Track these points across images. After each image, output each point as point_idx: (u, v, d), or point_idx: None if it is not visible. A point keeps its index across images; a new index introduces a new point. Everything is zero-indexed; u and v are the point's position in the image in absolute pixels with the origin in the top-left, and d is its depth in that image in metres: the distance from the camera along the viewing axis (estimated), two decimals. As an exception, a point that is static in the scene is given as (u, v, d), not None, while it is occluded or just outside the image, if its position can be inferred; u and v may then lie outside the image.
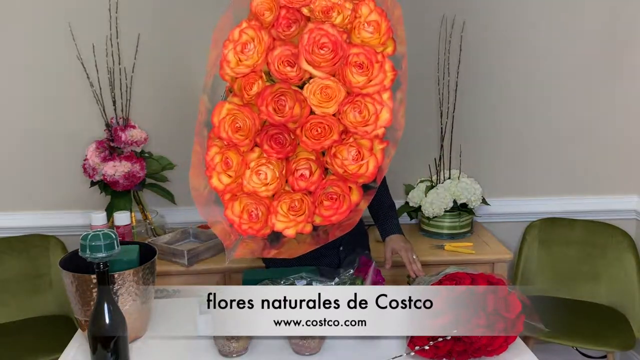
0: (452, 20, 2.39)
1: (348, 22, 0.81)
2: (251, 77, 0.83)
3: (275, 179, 0.82)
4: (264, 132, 0.82)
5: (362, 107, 0.80)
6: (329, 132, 0.79)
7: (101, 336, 1.24)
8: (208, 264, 2.16)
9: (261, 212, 0.85)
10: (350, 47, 0.79)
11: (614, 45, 2.48)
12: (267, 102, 0.79)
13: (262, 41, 0.80)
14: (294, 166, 0.83)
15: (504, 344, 1.36)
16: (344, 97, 0.80)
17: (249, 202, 0.84)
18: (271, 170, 0.82)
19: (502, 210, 2.57)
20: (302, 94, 0.80)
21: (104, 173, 2.22)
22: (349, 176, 0.80)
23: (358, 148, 0.80)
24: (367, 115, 0.79)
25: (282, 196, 0.84)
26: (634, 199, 2.63)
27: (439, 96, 2.45)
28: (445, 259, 2.21)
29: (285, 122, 0.80)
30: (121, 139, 2.26)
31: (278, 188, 0.83)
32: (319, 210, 0.84)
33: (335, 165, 0.80)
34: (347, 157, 0.80)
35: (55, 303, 2.36)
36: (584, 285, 2.49)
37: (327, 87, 0.78)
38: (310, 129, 0.80)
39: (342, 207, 0.84)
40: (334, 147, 0.80)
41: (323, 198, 0.84)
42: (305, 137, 0.80)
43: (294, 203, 0.83)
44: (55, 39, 2.30)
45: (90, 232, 1.31)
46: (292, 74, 0.78)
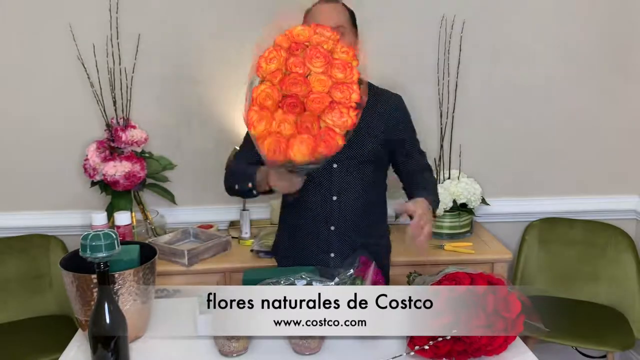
0: (452, 20, 2.39)
1: (332, 49, 1.44)
2: (276, 73, 1.43)
3: (291, 128, 1.39)
4: (284, 101, 1.41)
5: (342, 90, 1.40)
6: (323, 102, 1.39)
7: (101, 336, 1.24)
8: (208, 264, 2.17)
9: (282, 145, 1.39)
10: (333, 59, 1.43)
11: (614, 46, 2.48)
12: (286, 86, 1.40)
13: (281, 57, 1.44)
14: (302, 121, 1.39)
15: (503, 344, 1.36)
16: (331, 84, 1.41)
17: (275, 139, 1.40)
18: (288, 122, 1.39)
19: (501, 210, 2.58)
20: (307, 80, 1.41)
21: (105, 173, 2.23)
22: (335, 127, 1.40)
23: (340, 112, 1.39)
24: (345, 95, 1.40)
25: (295, 137, 1.40)
26: (634, 199, 2.64)
27: (439, 96, 2.45)
28: (445, 259, 2.21)
29: (296, 96, 1.39)
30: (121, 139, 2.26)
31: (293, 133, 1.39)
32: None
33: (327, 120, 1.38)
34: (334, 116, 1.39)
35: (55, 303, 2.36)
36: (583, 285, 2.49)
37: (321, 79, 1.41)
38: (312, 100, 1.39)
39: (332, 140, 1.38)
40: (326, 110, 1.39)
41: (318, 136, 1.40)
42: (309, 104, 1.39)
43: (302, 140, 1.38)
44: (56, 39, 2.30)
45: (90, 232, 1.31)
46: (300, 71, 1.41)
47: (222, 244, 2.24)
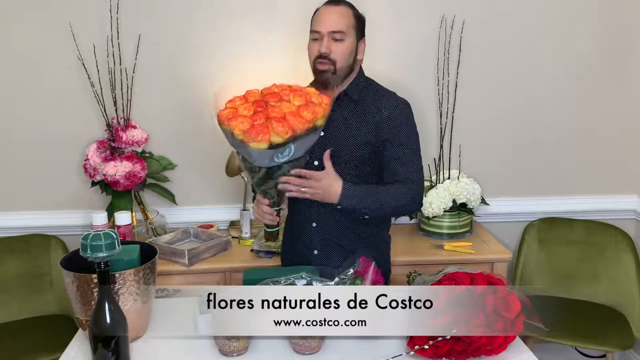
0: (452, 20, 2.39)
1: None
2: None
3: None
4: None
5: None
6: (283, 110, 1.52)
7: (102, 336, 1.24)
8: (208, 264, 2.17)
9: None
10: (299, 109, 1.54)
11: (614, 46, 2.49)
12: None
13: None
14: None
15: (503, 344, 1.37)
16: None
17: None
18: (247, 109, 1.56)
19: (501, 210, 2.58)
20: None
21: (105, 173, 2.23)
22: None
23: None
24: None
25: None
26: (633, 199, 2.64)
27: (439, 96, 2.45)
28: (444, 259, 2.22)
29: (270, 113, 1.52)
30: (122, 139, 2.26)
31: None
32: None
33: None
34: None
35: (56, 303, 2.37)
36: (583, 285, 2.50)
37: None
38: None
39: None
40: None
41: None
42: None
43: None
44: (56, 39, 2.31)
45: (91, 231, 1.31)
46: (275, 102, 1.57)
47: (222, 243, 2.25)
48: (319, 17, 1.70)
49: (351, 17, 1.70)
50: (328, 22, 1.67)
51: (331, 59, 1.68)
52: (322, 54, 1.67)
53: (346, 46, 1.69)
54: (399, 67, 2.43)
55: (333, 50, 1.67)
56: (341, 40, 1.68)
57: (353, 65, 1.74)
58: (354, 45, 1.71)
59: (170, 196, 2.41)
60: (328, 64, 1.68)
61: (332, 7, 1.70)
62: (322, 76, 1.71)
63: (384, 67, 2.39)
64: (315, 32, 1.70)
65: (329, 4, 1.72)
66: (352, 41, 1.70)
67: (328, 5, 1.71)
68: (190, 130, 2.46)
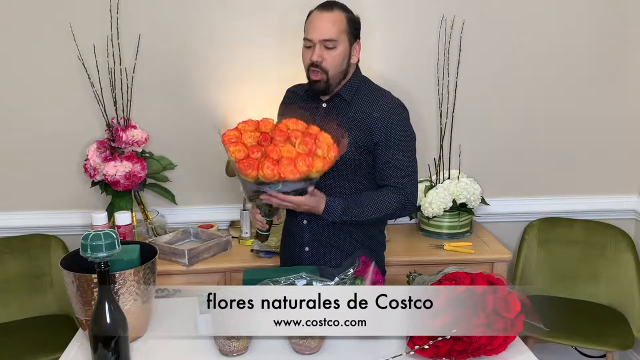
0: (452, 20, 2.39)
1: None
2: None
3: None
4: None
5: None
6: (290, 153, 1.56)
7: (102, 336, 1.25)
8: (208, 264, 2.17)
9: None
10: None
11: (614, 46, 2.48)
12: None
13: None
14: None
15: (503, 344, 1.37)
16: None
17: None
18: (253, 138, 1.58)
19: (501, 210, 2.58)
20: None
21: (105, 173, 2.23)
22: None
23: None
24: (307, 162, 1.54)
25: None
26: (633, 198, 2.64)
27: (439, 96, 2.45)
28: (444, 259, 2.22)
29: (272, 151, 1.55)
30: (122, 139, 2.26)
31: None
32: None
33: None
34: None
35: (56, 303, 2.37)
36: (583, 285, 2.50)
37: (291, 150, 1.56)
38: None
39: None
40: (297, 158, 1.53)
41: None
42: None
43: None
44: (56, 39, 2.31)
45: (91, 231, 1.32)
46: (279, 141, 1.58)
47: (222, 243, 2.25)
48: (311, 24, 1.69)
49: (344, 22, 1.68)
50: (319, 30, 1.66)
51: (323, 68, 1.68)
52: (314, 63, 1.67)
53: (338, 53, 1.68)
54: (398, 67, 2.43)
55: (325, 59, 1.67)
56: (333, 48, 1.67)
57: (347, 70, 1.74)
58: (347, 50, 1.70)
59: (170, 196, 2.41)
60: (320, 73, 1.68)
61: (324, 13, 1.68)
62: (315, 85, 1.71)
63: (383, 67, 2.39)
64: (307, 39, 1.69)
65: (321, 10, 1.69)
66: (344, 47, 1.69)
67: (320, 12, 1.68)
68: (190, 130, 2.45)
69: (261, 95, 2.28)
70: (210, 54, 2.40)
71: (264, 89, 2.30)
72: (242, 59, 2.40)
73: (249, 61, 2.40)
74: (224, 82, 2.42)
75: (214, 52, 2.39)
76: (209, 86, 2.42)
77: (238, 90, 2.42)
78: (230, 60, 2.40)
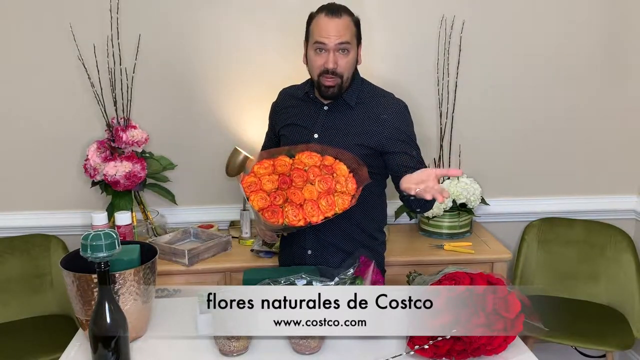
0: (452, 20, 2.39)
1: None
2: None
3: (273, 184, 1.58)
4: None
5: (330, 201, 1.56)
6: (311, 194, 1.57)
7: (102, 336, 1.24)
8: (208, 264, 2.17)
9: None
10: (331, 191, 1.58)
11: (614, 46, 2.49)
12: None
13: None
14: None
15: (503, 344, 1.37)
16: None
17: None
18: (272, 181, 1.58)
19: (501, 210, 2.58)
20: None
21: (105, 173, 2.23)
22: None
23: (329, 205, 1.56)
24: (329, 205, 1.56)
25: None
26: (633, 199, 2.64)
27: (439, 96, 2.46)
28: (444, 259, 2.22)
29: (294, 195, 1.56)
30: (122, 139, 2.26)
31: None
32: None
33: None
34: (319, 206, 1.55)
35: (56, 303, 2.37)
36: (583, 285, 2.50)
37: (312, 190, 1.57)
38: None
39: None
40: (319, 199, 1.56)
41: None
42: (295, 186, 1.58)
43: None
44: (56, 39, 2.31)
45: (91, 231, 1.31)
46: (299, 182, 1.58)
47: (222, 243, 2.25)
48: (322, 28, 1.63)
49: (352, 25, 1.66)
50: (334, 36, 1.62)
51: (338, 73, 1.65)
52: (330, 70, 1.64)
53: (351, 57, 1.67)
54: (398, 67, 2.43)
55: (340, 64, 1.65)
56: (347, 52, 1.65)
57: (354, 73, 1.73)
58: (356, 54, 1.70)
59: (170, 196, 2.41)
60: (334, 79, 1.66)
61: (335, 19, 1.63)
62: (327, 91, 1.68)
63: (383, 68, 2.40)
64: (319, 43, 1.64)
65: (330, 15, 1.64)
66: (355, 50, 1.68)
67: (330, 17, 1.63)
68: (190, 130, 2.46)
69: (261, 95, 2.28)
70: (210, 53, 2.40)
71: (264, 89, 2.29)
72: (242, 58, 2.40)
73: (249, 61, 2.40)
74: (224, 82, 2.42)
75: (213, 52, 2.40)
76: (209, 86, 2.42)
77: (238, 89, 2.43)
78: (230, 59, 2.40)
